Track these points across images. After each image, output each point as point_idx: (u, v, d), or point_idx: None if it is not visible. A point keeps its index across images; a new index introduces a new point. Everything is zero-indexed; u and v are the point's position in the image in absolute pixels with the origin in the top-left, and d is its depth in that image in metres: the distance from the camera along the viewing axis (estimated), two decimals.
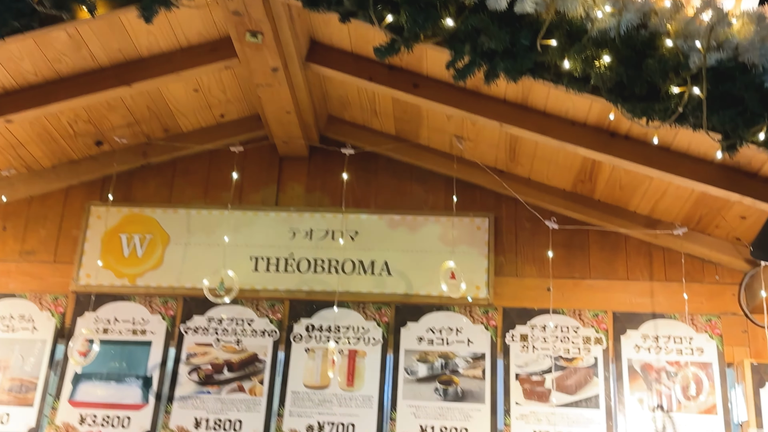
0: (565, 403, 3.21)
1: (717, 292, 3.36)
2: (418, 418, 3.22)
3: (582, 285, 3.42)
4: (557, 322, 3.34)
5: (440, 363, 3.31)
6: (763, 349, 3.21)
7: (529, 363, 3.30)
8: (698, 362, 3.24)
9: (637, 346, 3.28)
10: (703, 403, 3.17)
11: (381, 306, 3.41)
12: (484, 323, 3.37)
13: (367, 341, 3.36)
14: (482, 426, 3.19)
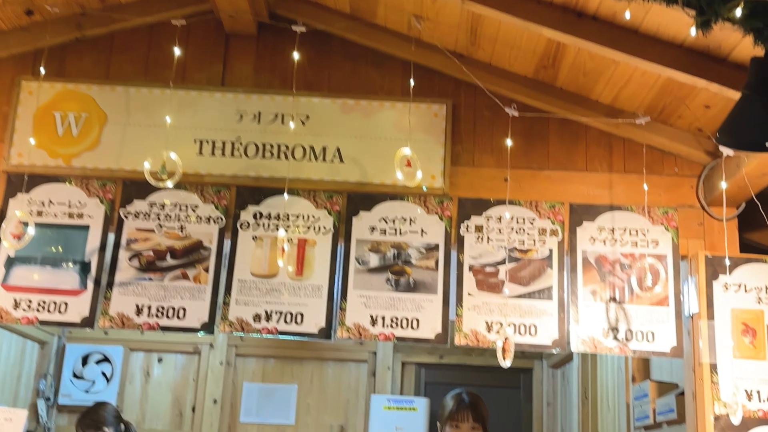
0: (517, 295, 3.16)
1: (675, 185, 3.30)
2: (368, 308, 3.14)
3: (540, 176, 3.33)
4: (513, 213, 3.25)
5: (393, 253, 3.22)
6: (718, 242, 3.18)
7: (483, 254, 3.22)
8: (653, 254, 3.20)
9: (592, 238, 3.23)
10: (655, 295, 3.15)
11: (332, 194, 3.28)
12: (438, 213, 3.27)
13: (317, 230, 3.24)
14: (434, 316, 3.14)
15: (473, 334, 3.11)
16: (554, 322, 3.13)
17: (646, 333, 3.11)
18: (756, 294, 3.08)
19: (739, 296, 3.08)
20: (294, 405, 5.67)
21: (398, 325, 3.12)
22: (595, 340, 3.11)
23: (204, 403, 5.61)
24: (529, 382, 6.00)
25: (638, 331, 3.11)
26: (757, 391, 2.97)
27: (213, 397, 5.61)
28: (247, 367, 5.76)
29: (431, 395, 5.72)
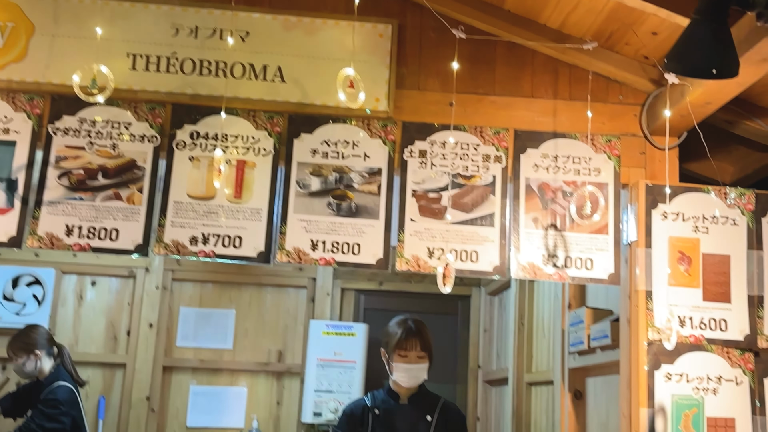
0: (460, 221, 3.14)
1: (619, 113, 3.29)
2: (309, 233, 3.09)
3: (485, 101, 3.28)
4: (458, 138, 3.21)
5: (334, 177, 3.15)
6: (658, 171, 3.20)
7: (427, 180, 3.18)
8: (595, 183, 3.20)
9: (536, 165, 3.21)
10: (595, 223, 3.16)
11: (273, 115, 3.18)
12: (382, 137, 3.20)
13: (257, 152, 3.14)
14: (375, 242, 3.10)
15: (414, 260, 3.09)
16: (495, 249, 3.12)
17: (584, 260, 3.13)
18: (693, 223, 3.12)
19: (677, 225, 3.11)
20: (232, 330, 5.64)
21: (339, 250, 3.08)
22: (535, 266, 3.12)
23: (139, 327, 5.53)
24: (467, 309, 6.07)
25: (577, 258, 3.13)
26: (690, 318, 3.04)
27: (149, 321, 5.53)
28: (184, 292, 5.69)
29: (370, 321, 5.75)
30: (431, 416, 3.40)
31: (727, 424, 2.97)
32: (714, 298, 3.06)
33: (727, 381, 3.01)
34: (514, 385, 4.93)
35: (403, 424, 3.39)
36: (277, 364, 5.59)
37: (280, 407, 5.58)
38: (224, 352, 5.62)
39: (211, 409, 5.49)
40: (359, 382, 5.34)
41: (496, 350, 5.74)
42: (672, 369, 2.99)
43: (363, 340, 5.43)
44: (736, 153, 3.69)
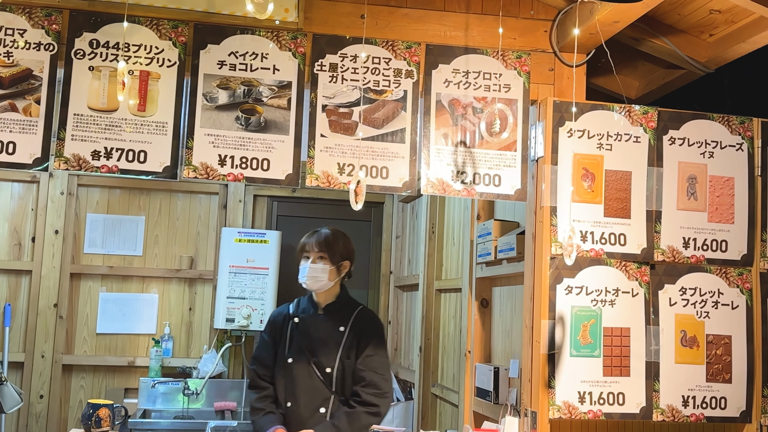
0: (370, 137, 3.13)
1: (530, 28, 3.29)
2: (216, 148, 3.02)
3: (397, 13, 3.22)
4: (369, 52, 3.15)
5: (243, 90, 3.07)
6: (566, 88, 3.23)
7: (337, 94, 3.14)
8: (504, 99, 3.22)
9: (447, 80, 3.20)
10: (504, 140, 3.20)
11: (178, 24, 3.05)
12: (292, 50, 3.12)
13: (161, 62, 3.03)
14: (285, 157, 3.07)
15: (325, 176, 3.08)
16: (405, 165, 3.13)
17: (492, 177, 3.18)
18: (597, 140, 3.19)
19: (582, 142, 3.18)
20: (142, 236, 5.55)
21: (248, 166, 3.04)
22: (444, 182, 3.15)
23: (45, 234, 5.39)
24: (380, 216, 6.13)
25: (485, 174, 3.17)
26: (591, 233, 3.14)
27: (54, 228, 5.39)
28: (91, 198, 5.54)
29: (283, 228, 5.75)
30: (344, 327, 3.45)
31: (623, 334, 3.14)
32: (615, 213, 3.17)
33: (624, 293, 3.15)
34: (424, 292, 5.06)
35: (317, 334, 3.45)
36: (188, 270, 5.56)
37: (192, 313, 5.59)
38: (134, 258, 5.55)
39: (121, 316, 5.46)
40: (272, 289, 5.38)
41: (408, 256, 5.85)
42: (573, 282, 3.11)
43: (276, 248, 5.44)
44: (642, 69, 3.76)
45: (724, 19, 3.15)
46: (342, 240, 3.58)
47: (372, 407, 3.33)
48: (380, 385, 3.36)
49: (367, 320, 3.53)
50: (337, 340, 3.42)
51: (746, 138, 3.27)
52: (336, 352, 3.39)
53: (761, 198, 3.25)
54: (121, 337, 5.48)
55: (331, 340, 3.43)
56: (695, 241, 3.20)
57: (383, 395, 3.36)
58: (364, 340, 3.44)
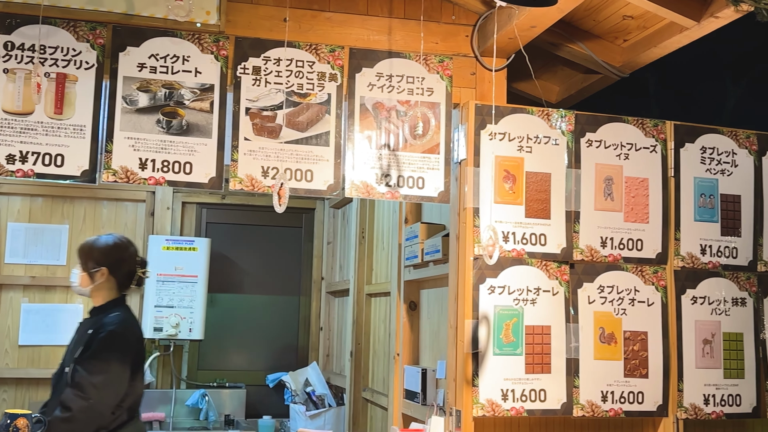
0: (294, 140, 3.13)
1: (452, 33, 3.34)
2: (137, 151, 2.99)
3: (320, 17, 3.24)
4: (292, 56, 3.16)
5: (164, 93, 3.04)
6: (488, 92, 3.29)
7: (261, 97, 3.13)
8: (427, 102, 3.27)
9: (370, 84, 3.23)
10: (427, 143, 3.24)
11: (96, 26, 3.01)
12: (214, 53, 3.11)
13: (78, 65, 2.98)
14: (208, 161, 3.05)
15: (249, 180, 3.07)
16: (330, 168, 3.15)
17: (416, 179, 3.21)
18: (518, 142, 3.25)
19: (503, 144, 3.24)
20: (65, 245, 5.43)
21: (170, 169, 3.01)
22: (368, 185, 3.17)
23: None
24: (311, 222, 6.13)
25: (409, 177, 3.21)
26: (513, 233, 3.20)
27: None
28: (12, 206, 5.40)
29: (213, 235, 5.71)
30: (92, 330, 3.27)
31: (544, 332, 3.20)
32: (535, 214, 3.23)
33: (544, 292, 3.22)
34: (355, 297, 5.07)
35: (75, 336, 3.41)
36: None
37: None
38: (58, 268, 5.42)
39: (44, 327, 5.32)
40: (201, 296, 5.32)
41: (339, 262, 5.86)
42: (495, 282, 3.16)
43: (205, 255, 5.39)
44: (562, 74, 3.86)
45: (636, 25, 3.25)
46: (98, 248, 3.40)
47: (66, 410, 3.09)
48: (81, 387, 3.10)
49: (105, 327, 3.26)
50: (82, 342, 3.26)
51: (659, 140, 3.38)
52: (75, 353, 3.25)
53: (674, 198, 3.36)
54: (45, 349, 5.34)
55: (80, 342, 3.28)
56: (612, 240, 3.29)
57: (82, 398, 3.09)
58: (91, 345, 3.22)
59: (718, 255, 3.39)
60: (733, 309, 3.39)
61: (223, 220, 5.90)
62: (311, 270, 6.08)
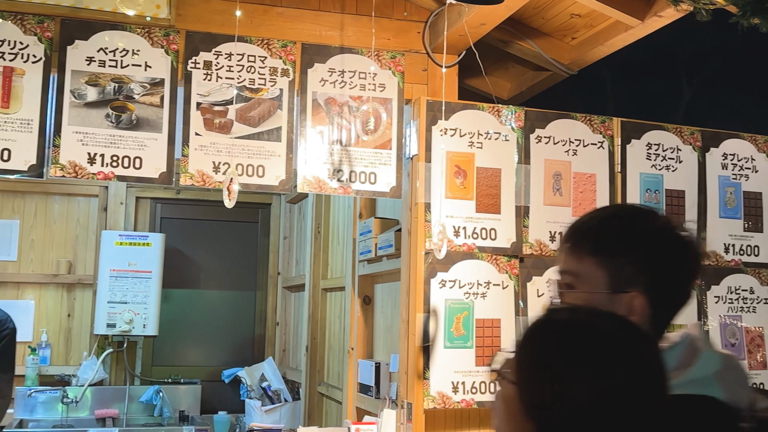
0: (246, 135, 3.14)
1: (403, 29, 3.37)
2: (85, 146, 2.97)
3: (272, 12, 3.24)
4: (244, 50, 3.16)
5: (113, 87, 3.02)
6: (440, 88, 3.32)
7: (212, 92, 3.13)
8: (379, 98, 3.29)
9: (323, 79, 3.24)
10: (379, 138, 3.27)
11: (44, 19, 2.98)
12: (164, 47, 3.09)
13: (26, 58, 2.95)
14: (158, 156, 3.04)
15: (200, 175, 3.06)
16: (282, 163, 3.15)
17: (368, 174, 3.23)
18: (469, 138, 3.29)
19: (455, 140, 3.28)
20: (16, 241, 5.35)
21: (119, 164, 2.99)
22: (321, 180, 3.19)
23: None
24: (267, 217, 6.11)
25: (361, 172, 3.23)
26: (464, 228, 3.24)
27: None
28: None
29: (167, 231, 5.66)
30: None
31: (494, 324, 3.25)
32: (485, 209, 3.28)
33: (494, 285, 3.26)
34: (311, 291, 5.08)
35: None
36: (67, 275, 5.40)
37: (71, 319, 5.42)
38: (8, 264, 5.34)
39: None
40: (155, 292, 5.28)
41: (295, 257, 5.86)
42: (446, 276, 3.20)
43: (159, 250, 5.34)
44: (513, 71, 3.91)
45: (584, 23, 3.31)
46: None
47: None
48: None
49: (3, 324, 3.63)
50: None
51: (607, 136, 3.44)
52: None
53: (621, 193, 3.43)
54: None
55: None
56: (561, 234, 3.33)
57: None
58: None
59: None
60: None
61: (177, 215, 5.86)
62: (267, 265, 6.07)
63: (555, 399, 1.10)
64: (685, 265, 1.39)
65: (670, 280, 1.36)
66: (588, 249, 1.36)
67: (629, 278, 1.33)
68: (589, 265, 1.35)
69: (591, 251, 1.35)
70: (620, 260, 1.34)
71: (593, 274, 1.34)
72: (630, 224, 1.38)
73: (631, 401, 1.09)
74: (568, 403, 1.09)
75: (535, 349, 1.16)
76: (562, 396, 1.09)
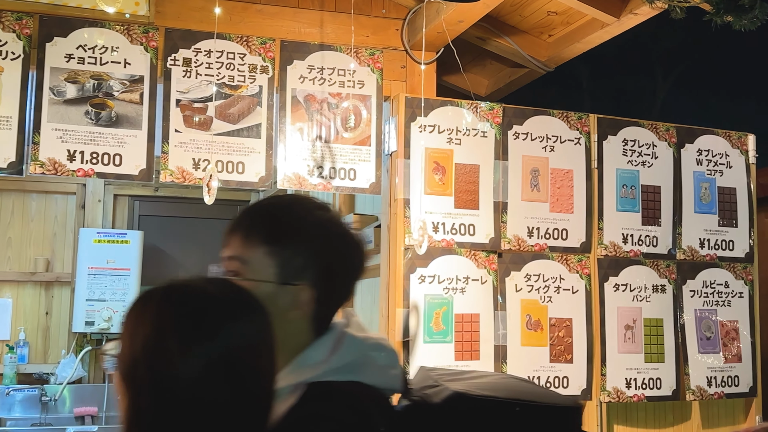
0: (226, 132, 3.14)
1: (382, 26, 3.39)
2: (65, 143, 2.96)
3: (251, 9, 3.25)
4: (223, 47, 3.17)
5: (92, 84, 3.02)
6: (418, 85, 3.35)
7: (192, 89, 3.13)
8: (358, 95, 3.31)
9: (302, 76, 3.26)
10: (359, 135, 3.29)
11: (22, 16, 2.97)
12: (143, 44, 3.09)
13: (4, 55, 2.94)
14: (138, 152, 3.04)
15: (180, 172, 3.07)
16: (261, 160, 3.17)
17: (348, 171, 3.26)
18: (447, 135, 3.32)
19: (433, 137, 3.30)
20: None
21: (99, 161, 2.99)
22: (301, 177, 3.20)
23: None
24: None
25: (341, 168, 3.25)
26: (442, 224, 3.27)
27: None
28: None
29: (146, 228, 5.64)
30: None
31: (473, 319, 3.28)
32: (464, 205, 3.31)
33: (473, 281, 3.30)
34: None
35: None
36: (45, 273, 5.36)
37: (49, 317, 5.39)
38: None
39: None
40: (134, 289, 5.26)
41: None
42: (426, 272, 3.23)
43: (138, 248, 5.33)
44: (491, 68, 3.94)
45: (560, 21, 3.35)
46: None
47: None
48: None
49: None
50: None
51: (584, 133, 3.49)
52: None
53: (597, 189, 3.47)
54: None
55: None
56: (538, 230, 3.38)
57: None
58: None
59: (639, 244, 3.52)
60: (654, 296, 3.52)
61: (156, 212, 5.84)
62: None
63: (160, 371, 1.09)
64: (352, 261, 1.36)
65: (337, 276, 1.33)
66: (261, 237, 1.30)
67: (299, 270, 1.29)
68: (260, 254, 1.30)
69: (263, 239, 1.30)
70: (291, 251, 1.30)
71: (263, 262, 1.29)
72: (304, 216, 1.34)
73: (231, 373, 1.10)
74: (175, 375, 1.08)
75: (135, 321, 1.14)
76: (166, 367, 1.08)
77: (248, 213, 1.36)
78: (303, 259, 1.29)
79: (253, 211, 1.37)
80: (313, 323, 1.30)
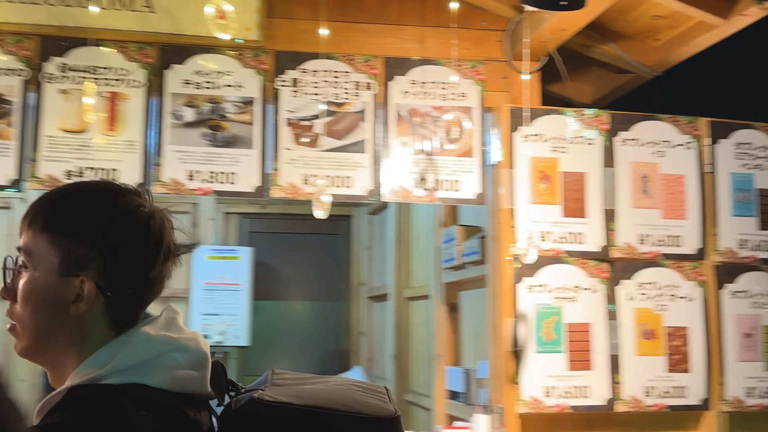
0: (333, 148, 3.24)
1: (483, 39, 3.42)
2: (185, 164, 3.12)
3: (355, 29, 3.34)
4: (329, 67, 3.27)
5: (208, 108, 3.17)
6: (519, 95, 3.36)
7: (300, 108, 3.24)
8: (461, 107, 3.35)
9: (405, 91, 3.32)
10: (462, 146, 3.32)
11: (144, 46, 3.15)
12: (254, 67, 3.22)
13: (129, 83, 3.12)
14: (251, 170, 3.16)
15: (290, 187, 3.18)
16: (368, 174, 3.24)
17: (452, 182, 3.29)
18: (552, 143, 3.32)
19: (538, 146, 3.31)
20: None
21: (216, 180, 3.13)
22: (406, 189, 3.26)
23: None
24: (349, 229, 6.23)
25: (445, 180, 3.29)
26: (550, 233, 3.27)
27: None
28: None
29: (255, 244, 5.83)
30: None
31: (584, 329, 3.25)
32: (572, 213, 3.29)
33: (584, 290, 3.27)
34: (395, 300, 5.16)
35: None
36: None
37: None
38: None
39: None
40: (245, 304, 5.45)
41: (378, 267, 5.95)
42: (534, 281, 3.23)
43: (248, 263, 5.52)
44: (594, 75, 3.91)
45: (667, 24, 3.30)
46: None
47: None
48: None
49: None
50: None
51: (694, 137, 3.42)
52: None
53: (711, 194, 3.39)
54: None
55: None
56: (650, 237, 3.33)
57: None
58: None
59: (756, 249, 3.41)
60: None
61: (264, 229, 6.04)
62: (350, 276, 6.18)
63: None
64: (147, 249, 1.23)
65: (129, 266, 1.22)
66: (42, 225, 1.21)
67: (80, 261, 1.19)
68: (42, 243, 1.20)
69: (44, 227, 1.20)
70: (73, 240, 1.20)
71: (46, 253, 1.20)
72: (90, 202, 1.24)
73: None
74: None
75: None
76: None
77: (36, 202, 1.25)
78: (84, 248, 1.19)
79: (40, 199, 1.25)
80: (112, 321, 1.21)
